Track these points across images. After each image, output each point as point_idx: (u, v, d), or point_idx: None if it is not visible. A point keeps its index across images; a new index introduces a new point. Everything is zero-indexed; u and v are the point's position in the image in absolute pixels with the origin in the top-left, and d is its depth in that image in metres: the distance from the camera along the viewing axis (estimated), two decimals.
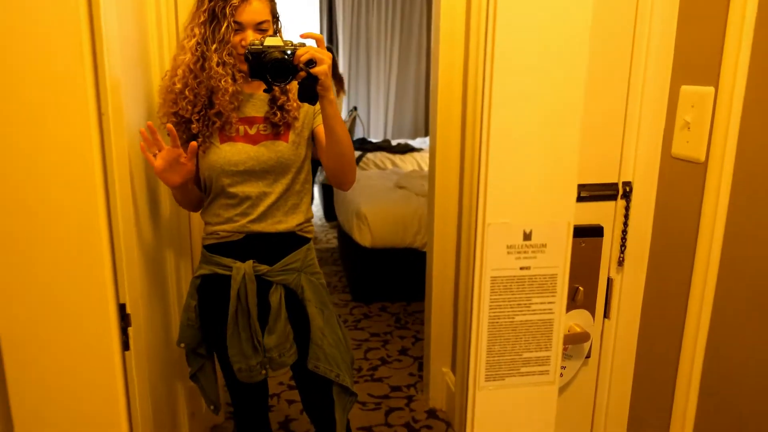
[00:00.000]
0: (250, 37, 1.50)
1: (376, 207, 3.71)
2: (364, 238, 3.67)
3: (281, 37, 1.59)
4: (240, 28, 1.51)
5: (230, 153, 1.56)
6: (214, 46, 1.50)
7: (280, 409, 2.68)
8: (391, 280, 3.83)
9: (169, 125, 1.48)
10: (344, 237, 4.17)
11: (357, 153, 5.75)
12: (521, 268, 0.75)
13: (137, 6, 1.71)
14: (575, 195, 0.74)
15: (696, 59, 1.02)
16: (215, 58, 1.50)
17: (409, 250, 3.70)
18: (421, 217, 3.68)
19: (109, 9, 1.15)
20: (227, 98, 1.53)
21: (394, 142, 6.29)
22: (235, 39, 1.52)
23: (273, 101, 1.60)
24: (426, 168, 5.36)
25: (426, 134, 7.20)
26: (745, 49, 0.90)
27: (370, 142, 6.15)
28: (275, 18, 1.61)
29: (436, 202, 2.54)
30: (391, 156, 5.78)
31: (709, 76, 0.98)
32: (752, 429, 0.95)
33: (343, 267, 4.42)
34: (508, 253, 0.74)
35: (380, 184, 4.36)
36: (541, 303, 0.77)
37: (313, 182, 5.56)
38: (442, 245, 2.57)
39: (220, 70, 1.50)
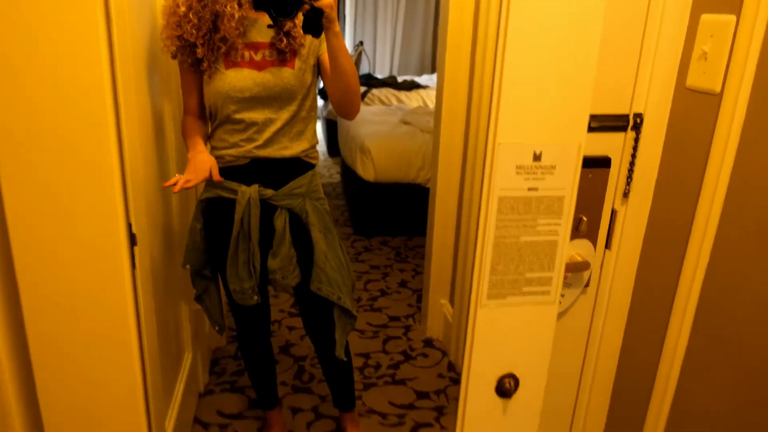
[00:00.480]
0: None
1: (381, 142, 3.70)
2: (367, 172, 3.67)
3: None
4: None
5: (236, 79, 1.54)
6: None
7: (281, 334, 2.76)
8: (392, 214, 3.85)
9: (215, 172, 1.49)
10: (347, 171, 4.17)
11: (362, 89, 5.67)
12: (529, 189, 0.75)
13: None
14: (587, 117, 0.74)
15: None
16: None
17: (412, 185, 3.71)
18: (426, 154, 3.66)
19: None
20: (233, 24, 1.50)
21: (399, 79, 6.19)
22: None
23: (279, 27, 1.57)
24: (432, 105, 5.30)
25: (432, 71, 7.07)
26: None
27: (376, 78, 6.06)
28: None
29: (442, 138, 2.53)
30: (396, 92, 5.70)
31: (730, 3, 0.96)
32: (742, 362, 0.98)
33: (346, 201, 4.44)
34: (517, 173, 0.74)
35: (385, 120, 4.33)
36: (547, 225, 0.77)
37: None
38: (446, 181, 2.58)
39: None
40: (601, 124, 1.13)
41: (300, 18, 1.55)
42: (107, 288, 1.29)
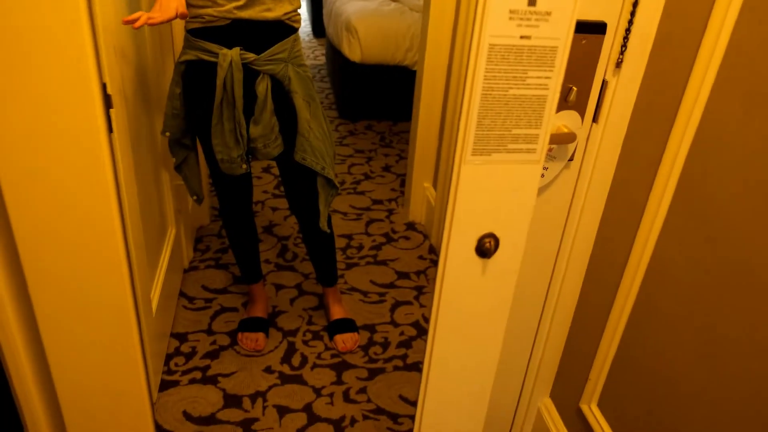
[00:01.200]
0: None
1: (368, 20, 3.53)
2: (353, 52, 3.54)
3: None
4: None
5: None
6: None
7: (264, 214, 2.77)
8: (378, 98, 3.77)
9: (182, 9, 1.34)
10: (333, 51, 4.02)
11: None
12: (521, 37, 0.71)
13: None
14: None
15: None
16: None
17: (399, 67, 3.60)
18: (414, 35, 3.53)
19: None
20: None
21: None
22: None
23: None
24: None
25: None
26: None
27: None
28: None
29: (431, 18, 2.41)
30: None
31: None
32: (721, 236, 1.00)
33: (331, 84, 4.32)
34: (510, 18, 0.70)
35: None
36: (537, 77, 0.74)
37: None
38: (434, 62, 2.49)
39: None
40: None
41: None
42: (83, 154, 1.25)
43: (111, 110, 1.32)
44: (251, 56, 1.55)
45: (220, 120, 1.60)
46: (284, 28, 1.59)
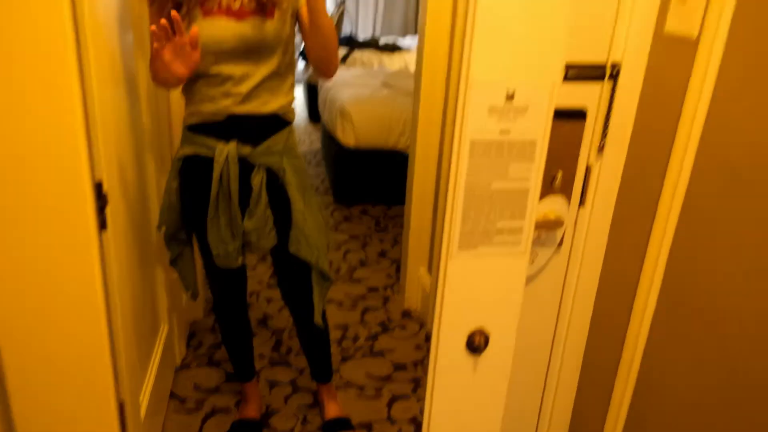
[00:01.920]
0: None
1: (361, 105, 3.64)
2: (347, 137, 3.62)
3: None
4: None
5: (214, 29, 1.48)
6: None
7: (259, 306, 2.73)
8: (373, 182, 3.81)
9: (174, 13, 1.36)
10: (328, 137, 4.11)
11: (344, 50, 5.57)
12: (501, 132, 0.72)
13: None
14: (562, 57, 0.70)
15: None
16: None
17: (392, 152, 3.67)
18: (407, 119, 3.62)
19: None
20: None
21: (382, 41, 6.09)
22: None
23: None
24: (413, 68, 5.22)
25: (416, 32, 6.96)
26: None
27: (357, 40, 5.96)
28: None
29: (422, 102, 2.48)
30: (378, 54, 5.61)
31: None
32: (711, 322, 0.97)
33: (326, 169, 4.39)
34: (489, 115, 0.71)
35: (366, 83, 4.26)
36: (519, 171, 0.75)
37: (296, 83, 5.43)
38: (425, 147, 2.54)
39: None
40: (578, 73, 1.10)
41: None
42: (71, 253, 1.23)
43: (107, 207, 1.32)
44: (247, 150, 1.58)
45: (215, 214, 1.60)
46: (279, 121, 1.63)
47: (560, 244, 1.24)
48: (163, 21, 1.32)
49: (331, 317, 2.63)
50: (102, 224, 1.28)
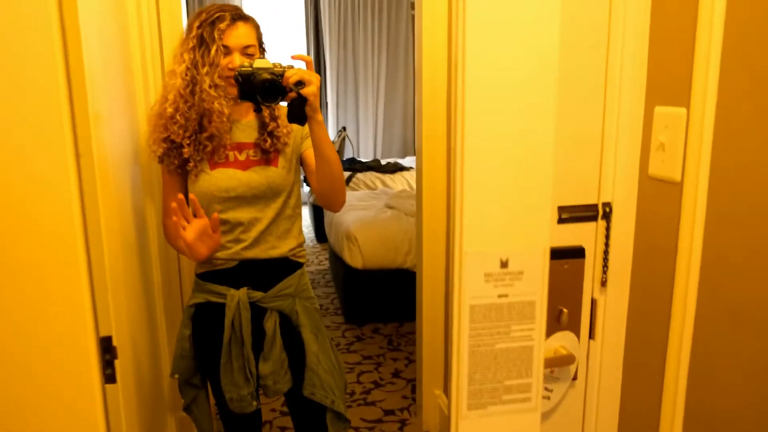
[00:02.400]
0: (237, 60, 1.52)
1: (366, 228, 3.72)
2: (354, 259, 3.66)
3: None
4: (227, 51, 1.53)
5: (221, 179, 1.56)
6: (205, 69, 1.51)
7: None
8: (383, 301, 3.82)
9: (192, 196, 1.48)
10: (335, 259, 4.16)
11: (347, 173, 5.76)
12: (499, 296, 0.75)
13: (121, 40, 1.71)
14: (549, 221, 0.74)
15: (668, 80, 1.03)
16: (207, 81, 1.51)
17: (400, 270, 3.70)
18: (412, 238, 3.68)
19: (91, 44, 1.15)
20: (223, 119, 1.53)
21: (383, 162, 6.32)
22: (223, 62, 1.53)
23: (263, 127, 1.60)
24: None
25: (416, 154, 7.22)
26: (713, 69, 0.92)
27: (360, 162, 6.18)
28: (261, 45, 1.63)
29: (424, 222, 2.54)
30: (381, 176, 5.80)
31: (680, 96, 0.99)
32: None
33: (336, 289, 4.41)
34: (486, 281, 0.74)
35: (370, 205, 4.37)
36: (521, 330, 0.76)
37: (302, 204, 5.56)
38: (432, 265, 2.57)
39: (212, 92, 1.51)
40: (571, 214, 1.14)
41: (283, 117, 1.60)
42: (75, 410, 1.22)
43: (116, 361, 1.33)
44: (258, 294, 1.60)
45: (229, 359, 1.60)
46: (290, 264, 1.66)
47: (575, 378, 1.23)
48: (180, 196, 1.40)
49: None
50: (110, 378, 1.28)
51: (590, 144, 1.13)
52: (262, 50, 1.64)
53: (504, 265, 0.74)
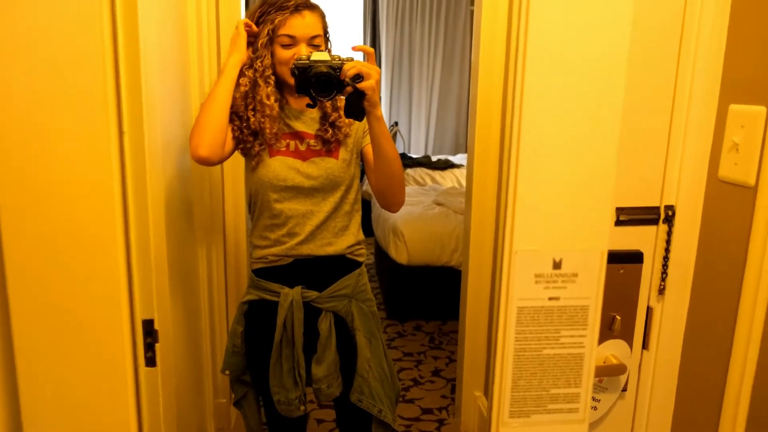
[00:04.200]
0: (304, 51, 1.48)
1: (414, 224, 3.67)
2: (400, 255, 3.63)
3: (330, 53, 1.57)
4: (293, 42, 1.49)
5: (279, 168, 1.53)
6: (263, 59, 1.50)
7: (309, 428, 2.65)
8: (426, 298, 3.77)
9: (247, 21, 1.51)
10: (381, 253, 4.14)
11: None
12: (550, 299, 0.70)
13: (179, 28, 1.73)
14: (609, 222, 0.69)
15: (746, 77, 0.96)
16: (262, 71, 1.50)
17: (445, 268, 3.65)
18: (459, 236, 3.62)
19: (148, 30, 1.14)
20: (270, 111, 1.50)
21: (434, 158, 6.25)
22: (288, 53, 1.49)
23: (324, 117, 1.56)
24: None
25: (466, 150, 7.13)
26: None
27: (411, 158, 6.13)
28: (326, 35, 1.58)
29: (473, 220, 2.49)
30: (431, 172, 5.74)
31: (760, 94, 0.92)
32: None
33: (379, 284, 4.39)
34: (536, 282, 0.69)
35: (418, 201, 4.33)
36: (571, 336, 0.72)
37: None
38: (478, 264, 2.52)
39: (263, 83, 1.50)
40: (630, 217, 1.08)
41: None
42: (109, 395, 1.22)
43: (157, 345, 1.34)
44: (313, 294, 1.56)
45: (278, 360, 1.57)
46: (347, 263, 1.61)
47: (624, 389, 1.16)
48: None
49: None
50: (151, 361, 1.29)
51: (655, 143, 1.06)
52: (327, 40, 1.60)
53: (557, 266, 0.69)
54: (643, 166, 1.06)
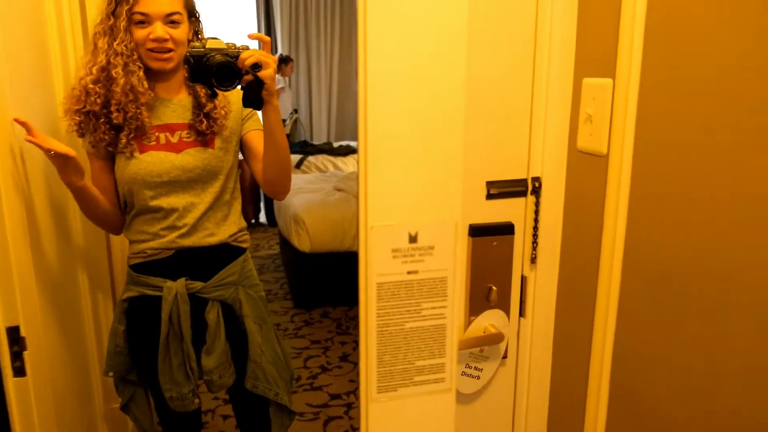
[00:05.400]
0: (159, 30, 1.39)
1: (314, 211, 3.65)
2: (303, 243, 3.60)
3: (203, 37, 1.50)
4: (147, 20, 1.39)
5: (151, 163, 1.44)
6: (117, 42, 1.39)
7: (215, 425, 2.59)
8: (332, 284, 3.77)
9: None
10: (284, 243, 4.09)
11: (298, 156, 5.66)
12: (408, 273, 0.71)
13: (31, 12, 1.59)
14: (460, 194, 0.71)
15: (595, 51, 1.01)
16: (120, 57, 1.39)
17: (348, 253, 3.65)
18: None
19: None
20: (139, 98, 1.40)
21: (336, 144, 6.23)
22: (142, 33, 1.40)
23: (198, 108, 1.49)
24: None
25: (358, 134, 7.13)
26: (638, 39, 0.89)
27: (312, 145, 6.08)
28: (192, 14, 1.50)
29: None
30: (332, 158, 5.72)
31: (607, 67, 0.97)
32: (660, 424, 0.94)
33: (285, 273, 4.34)
34: (394, 257, 0.70)
35: (319, 188, 4.30)
36: (432, 308, 0.73)
37: (259, 188, 5.44)
38: None
39: (122, 70, 1.40)
40: (500, 190, 1.11)
41: (220, 98, 1.50)
42: None
43: (25, 353, 1.25)
44: (198, 285, 1.51)
45: (167, 355, 1.50)
46: (231, 251, 1.57)
47: (505, 356, 1.21)
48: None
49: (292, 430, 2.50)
50: (19, 371, 1.20)
51: (519, 118, 1.10)
52: (196, 20, 1.52)
53: (413, 239, 0.69)
54: (509, 140, 1.10)
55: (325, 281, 3.75)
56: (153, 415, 1.70)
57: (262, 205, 5.94)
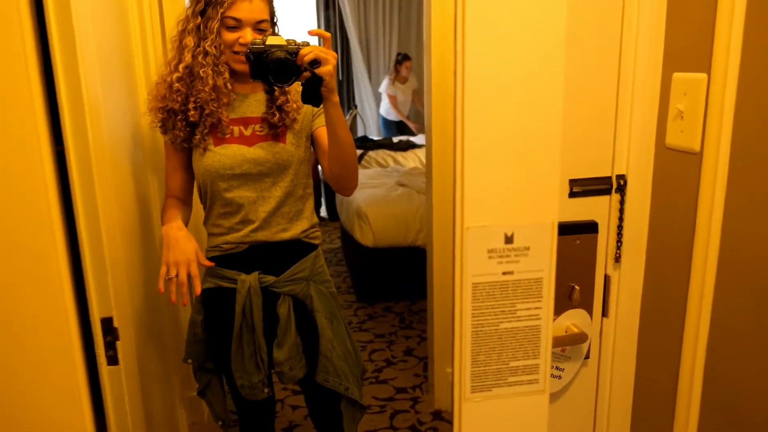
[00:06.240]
0: (249, 35, 1.44)
1: (377, 206, 3.67)
2: (365, 237, 3.63)
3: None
4: (238, 25, 1.45)
5: (225, 156, 1.50)
6: (208, 42, 1.43)
7: (284, 414, 2.65)
8: (394, 279, 3.79)
9: (202, 257, 1.46)
10: (347, 237, 4.13)
11: (358, 152, 5.70)
12: (504, 273, 0.71)
13: (117, 12, 1.67)
14: (557, 194, 0.70)
15: (687, 45, 0.97)
16: (208, 58, 1.44)
17: (411, 248, 3.67)
18: (423, 215, 3.64)
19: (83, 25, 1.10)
20: (207, 89, 1.44)
21: (395, 140, 6.24)
22: (232, 37, 1.45)
23: (271, 101, 1.53)
24: None
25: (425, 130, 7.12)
26: (736, 32, 0.86)
27: (372, 140, 6.11)
28: (273, 20, 1.55)
29: (434, 199, 2.50)
30: (393, 153, 5.73)
31: (701, 62, 0.93)
32: (754, 428, 0.91)
33: (347, 267, 4.39)
34: (489, 257, 0.70)
35: (381, 183, 4.33)
36: (527, 309, 0.72)
37: (320, 183, 5.51)
38: (442, 243, 2.53)
39: (209, 71, 1.45)
40: (583, 188, 1.09)
41: (293, 91, 1.54)
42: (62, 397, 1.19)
43: (117, 342, 1.31)
44: (270, 279, 1.56)
45: (239, 346, 1.56)
46: (303, 246, 1.61)
47: (587, 357, 1.19)
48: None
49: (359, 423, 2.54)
50: (112, 360, 1.26)
51: (604, 114, 1.08)
52: (274, 25, 1.56)
53: (509, 240, 0.69)
54: (593, 137, 1.08)
55: (388, 276, 3.78)
56: (226, 402, 1.77)
57: (323, 199, 6.01)
